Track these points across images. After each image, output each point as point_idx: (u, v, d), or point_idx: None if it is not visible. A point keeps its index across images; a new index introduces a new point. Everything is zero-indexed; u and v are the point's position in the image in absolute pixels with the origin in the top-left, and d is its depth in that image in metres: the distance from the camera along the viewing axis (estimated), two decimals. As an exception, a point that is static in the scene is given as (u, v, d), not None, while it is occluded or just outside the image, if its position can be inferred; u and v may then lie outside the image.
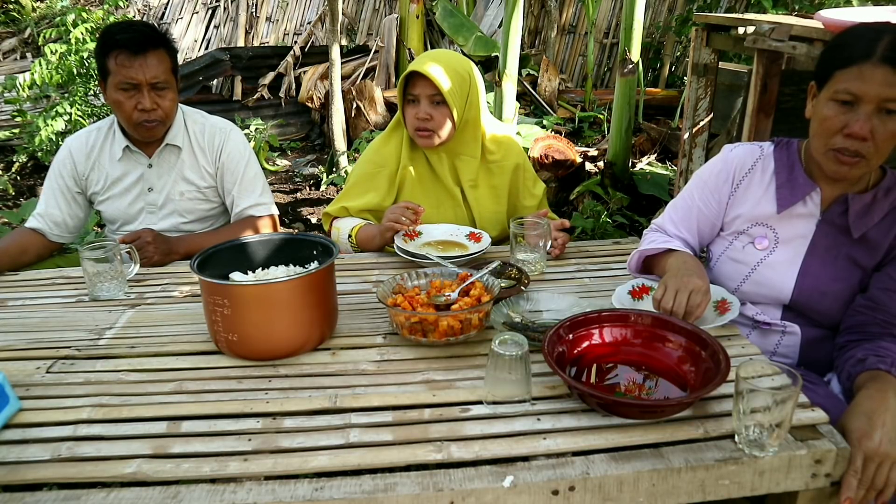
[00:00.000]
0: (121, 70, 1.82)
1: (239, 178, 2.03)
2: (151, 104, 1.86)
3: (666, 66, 6.71)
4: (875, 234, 1.37)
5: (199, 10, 9.12)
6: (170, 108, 1.92)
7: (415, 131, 1.87)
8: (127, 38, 1.81)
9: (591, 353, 1.26)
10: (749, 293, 1.48)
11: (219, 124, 2.06)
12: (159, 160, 2.00)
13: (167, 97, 1.89)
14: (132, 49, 1.81)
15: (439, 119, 1.84)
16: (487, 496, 0.98)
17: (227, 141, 2.03)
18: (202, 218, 2.08)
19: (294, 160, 5.93)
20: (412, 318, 1.32)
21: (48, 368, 1.31)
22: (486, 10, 7.30)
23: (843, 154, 1.28)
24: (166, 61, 1.88)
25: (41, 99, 5.31)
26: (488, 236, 1.81)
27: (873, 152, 1.26)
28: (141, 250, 1.77)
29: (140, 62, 1.82)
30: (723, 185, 1.50)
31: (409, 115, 1.87)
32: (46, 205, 2.01)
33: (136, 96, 1.85)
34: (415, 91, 1.84)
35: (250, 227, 2.01)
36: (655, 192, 4.32)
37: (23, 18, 9.54)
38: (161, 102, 1.88)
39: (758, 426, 1.01)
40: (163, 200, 2.01)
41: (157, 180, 2.00)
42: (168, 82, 1.89)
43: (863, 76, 1.22)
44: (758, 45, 2.59)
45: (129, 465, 1.02)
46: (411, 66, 1.84)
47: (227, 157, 2.03)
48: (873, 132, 1.24)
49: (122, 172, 2.00)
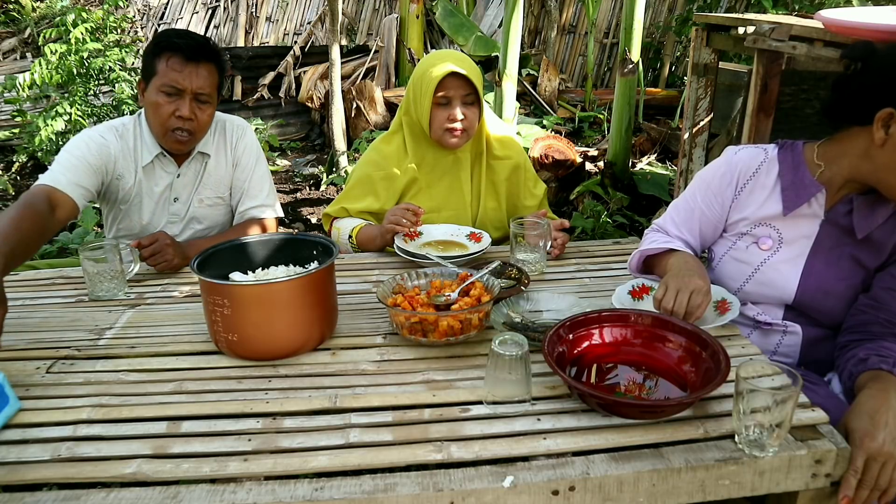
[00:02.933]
0: (169, 73, 1.78)
1: (249, 177, 2.02)
2: (190, 114, 1.81)
3: (666, 66, 6.71)
4: (879, 234, 1.37)
5: (199, 10, 9.12)
6: (206, 123, 1.87)
7: (445, 132, 1.85)
8: (183, 44, 1.78)
9: (592, 353, 1.26)
10: (752, 293, 1.47)
11: (236, 121, 2.05)
12: (188, 169, 1.95)
13: (206, 112, 1.85)
14: (186, 55, 1.78)
15: (472, 118, 1.86)
16: (487, 496, 0.98)
17: (242, 137, 2.03)
18: (218, 224, 2.06)
19: (294, 160, 5.93)
20: (412, 318, 1.32)
21: (48, 369, 1.31)
22: (486, 10, 7.30)
23: None
24: (215, 76, 1.86)
25: (41, 99, 5.31)
26: (488, 236, 1.81)
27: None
28: (160, 253, 1.72)
29: (191, 70, 1.79)
30: (726, 188, 1.49)
31: (439, 117, 1.85)
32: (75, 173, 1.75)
33: (177, 102, 1.80)
34: (448, 92, 1.83)
35: (255, 229, 1.98)
36: (655, 192, 4.32)
37: (23, 18, 9.54)
38: (199, 115, 1.83)
39: (758, 426, 1.01)
40: (185, 210, 1.98)
41: (182, 190, 1.96)
42: (211, 97, 1.86)
43: None
44: (758, 45, 2.59)
45: (128, 465, 1.02)
46: (439, 65, 1.81)
47: (241, 153, 2.01)
48: None
49: (150, 179, 1.93)
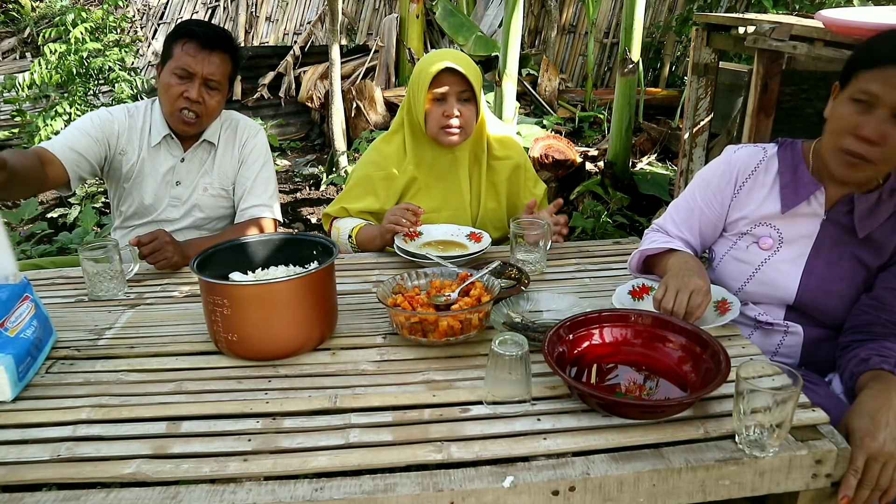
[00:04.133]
0: (183, 57, 1.87)
1: (254, 176, 2.05)
2: (198, 97, 1.89)
3: (666, 65, 6.71)
4: (880, 233, 1.37)
5: (198, 10, 9.12)
6: (213, 108, 1.95)
7: (441, 129, 1.85)
8: (200, 31, 1.88)
9: (592, 354, 1.26)
10: (753, 293, 1.47)
11: (250, 122, 2.13)
12: (192, 156, 2.02)
13: (215, 98, 1.93)
14: (202, 42, 1.88)
15: (468, 116, 1.85)
16: (487, 496, 0.98)
17: (252, 138, 2.08)
18: (219, 217, 2.10)
19: (294, 160, 5.93)
20: (412, 318, 1.32)
21: (48, 369, 1.30)
22: (486, 10, 7.29)
23: (851, 156, 1.26)
24: (228, 66, 1.94)
25: (40, 99, 5.31)
26: (488, 236, 1.81)
27: (881, 158, 1.24)
28: (159, 251, 1.73)
29: (204, 56, 1.88)
30: (725, 187, 1.50)
31: (434, 113, 1.85)
32: (68, 138, 1.88)
33: (187, 85, 1.88)
34: (443, 89, 1.82)
35: (253, 228, 2.01)
36: (656, 192, 4.32)
37: (22, 18, 9.55)
38: (208, 100, 1.91)
39: (758, 426, 1.01)
40: (188, 195, 2.03)
41: (185, 175, 2.03)
42: (221, 84, 1.94)
43: (884, 79, 1.20)
44: (758, 44, 2.59)
45: (128, 465, 1.02)
46: (435, 63, 1.81)
47: (248, 152, 2.07)
48: (885, 137, 1.22)
49: (154, 160, 2.01)
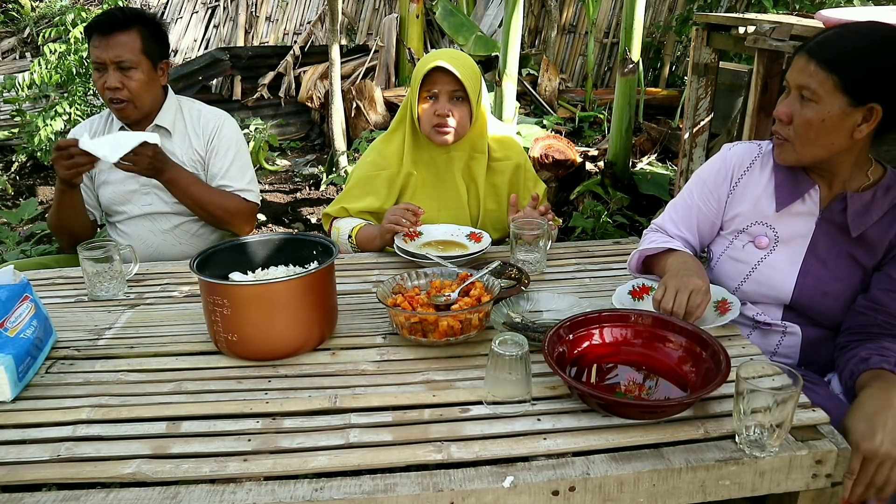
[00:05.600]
0: (93, 51, 1.91)
1: (228, 165, 2.04)
2: (116, 83, 1.89)
3: (666, 65, 6.70)
4: (874, 232, 1.37)
5: (198, 10, 9.11)
6: (136, 88, 1.93)
7: (433, 128, 1.85)
8: (99, 21, 1.91)
9: (592, 354, 1.26)
10: (750, 293, 1.47)
11: (215, 111, 2.10)
12: None
13: (133, 77, 1.91)
14: (101, 30, 1.90)
15: (459, 115, 1.84)
16: (487, 496, 0.98)
17: (221, 127, 2.06)
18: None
19: (294, 160, 5.92)
20: (412, 318, 1.32)
21: (47, 369, 1.31)
22: (486, 10, 7.29)
23: (776, 137, 1.38)
24: (136, 42, 1.92)
25: (40, 99, 5.30)
26: (488, 236, 1.81)
27: (794, 136, 1.33)
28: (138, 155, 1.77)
29: (105, 42, 1.89)
30: (722, 184, 1.50)
31: (426, 112, 1.85)
32: None
33: (105, 75, 1.90)
34: (434, 88, 1.82)
35: (235, 202, 2.02)
36: (656, 192, 4.31)
37: (22, 18, 9.55)
38: (126, 82, 1.90)
39: (758, 426, 1.01)
40: (155, 181, 2.01)
41: None
42: (133, 62, 1.91)
43: (795, 66, 1.32)
44: (758, 44, 2.59)
45: (128, 465, 1.02)
46: (430, 61, 1.81)
47: (218, 140, 2.05)
48: (790, 115, 1.32)
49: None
